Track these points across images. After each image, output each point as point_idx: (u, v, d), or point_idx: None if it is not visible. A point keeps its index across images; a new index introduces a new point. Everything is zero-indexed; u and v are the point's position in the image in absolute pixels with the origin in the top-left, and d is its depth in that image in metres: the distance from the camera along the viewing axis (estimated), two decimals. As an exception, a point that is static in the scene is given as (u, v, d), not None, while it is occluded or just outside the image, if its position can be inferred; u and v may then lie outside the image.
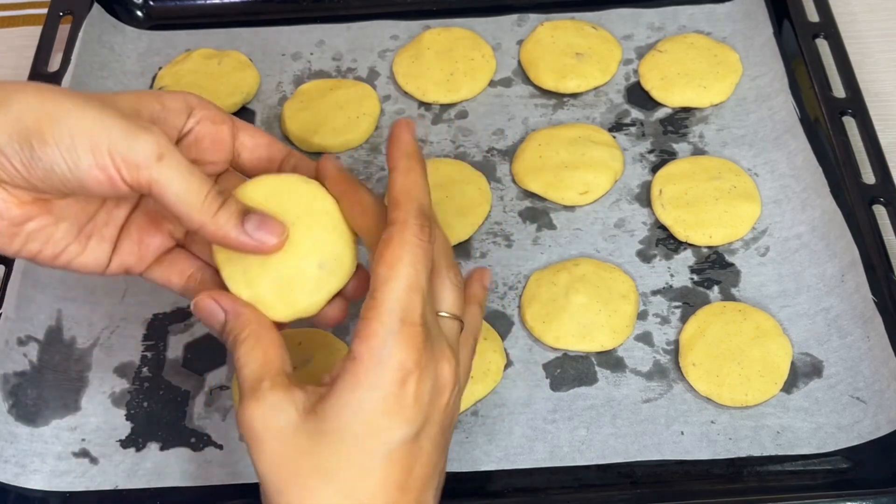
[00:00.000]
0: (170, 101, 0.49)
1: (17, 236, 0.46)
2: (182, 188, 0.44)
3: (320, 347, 0.62)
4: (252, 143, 0.51)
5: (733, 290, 0.64)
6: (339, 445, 0.42)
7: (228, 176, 0.52)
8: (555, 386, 0.61)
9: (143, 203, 0.51)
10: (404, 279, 0.43)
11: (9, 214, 0.45)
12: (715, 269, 0.65)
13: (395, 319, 0.42)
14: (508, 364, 0.62)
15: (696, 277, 0.65)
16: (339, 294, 0.49)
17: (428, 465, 0.44)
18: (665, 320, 0.63)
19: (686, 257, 0.66)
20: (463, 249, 0.67)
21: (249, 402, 0.43)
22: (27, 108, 0.43)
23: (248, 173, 0.51)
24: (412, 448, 0.43)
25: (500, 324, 0.63)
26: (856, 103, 0.69)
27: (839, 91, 0.70)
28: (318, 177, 0.50)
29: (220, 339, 0.47)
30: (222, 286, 0.48)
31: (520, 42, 0.78)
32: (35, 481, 0.57)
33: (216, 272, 0.49)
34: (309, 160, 0.52)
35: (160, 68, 0.77)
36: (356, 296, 0.50)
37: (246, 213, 0.46)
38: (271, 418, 0.43)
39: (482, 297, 0.52)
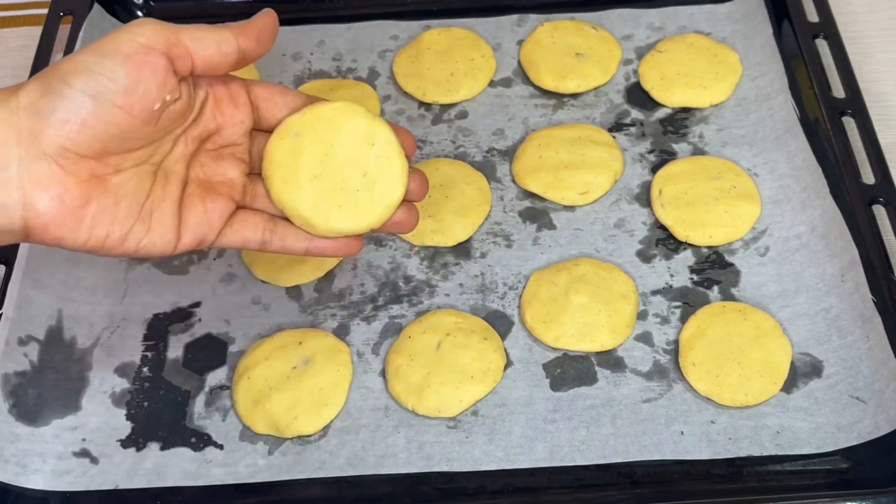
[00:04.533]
0: None
1: (83, 222, 0.46)
2: (208, 32, 0.48)
3: (321, 348, 0.62)
4: (266, 93, 0.53)
5: (733, 290, 0.64)
6: None
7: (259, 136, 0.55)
8: (555, 386, 0.61)
9: (193, 173, 0.52)
10: None
11: (69, 196, 0.45)
12: (715, 269, 0.65)
13: None
14: (508, 364, 0.62)
15: (695, 277, 0.65)
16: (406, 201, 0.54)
17: None
18: (665, 320, 0.63)
19: (686, 257, 0.66)
20: (463, 249, 0.67)
21: None
22: (35, 79, 0.46)
23: (273, 127, 0.53)
24: None
25: (500, 324, 0.63)
26: (855, 103, 0.69)
27: (839, 91, 0.70)
28: None
29: None
30: (293, 231, 0.53)
31: (520, 42, 0.78)
32: (36, 481, 0.57)
33: (285, 219, 0.53)
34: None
35: (160, 68, 0.77)
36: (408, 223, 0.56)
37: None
38: None
39: None
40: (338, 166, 0.52)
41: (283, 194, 0.52)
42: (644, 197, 0.69)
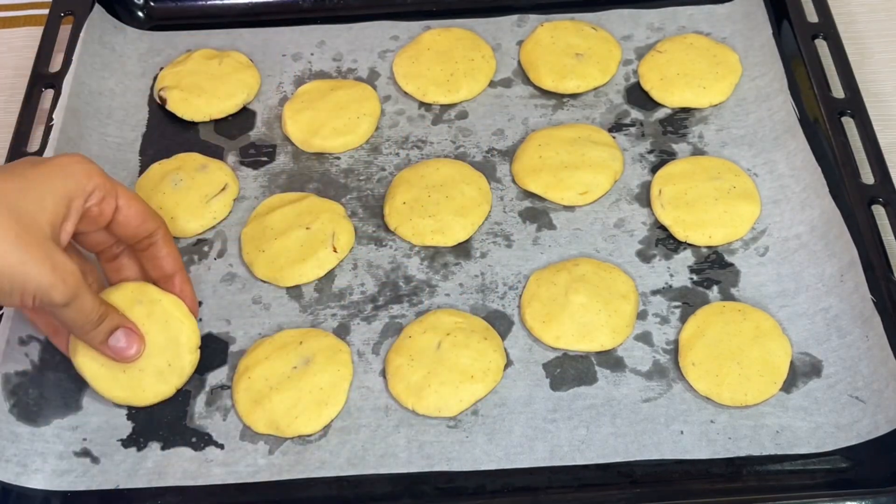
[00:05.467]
0: (76, 200, 0.55)
1: None
2: (80, 320, 0.55)
3: (321, 347, 0.62)
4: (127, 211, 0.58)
5: (733, 290, 0.64)
6: None
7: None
8: (555, 385, 0.61)
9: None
10: None
11: None
12: (714, 269, 0.66)
13: None
14: (508, 364, 0.62)
15: (695, 277, 0.65)
16: None
17: None
18: (665, 320, 0.63)
19: (686, 257, 0.66)
20: (463, 249, 0.67)
21: None
22: None
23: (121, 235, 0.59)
24: None
25: (500, 324, 0.64)
26: (855, 104, 0.69)
27: (838, 91, 0.70)
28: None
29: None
30: None
31: (520, 42, 0.78)
32: (36, 481, 0.58)
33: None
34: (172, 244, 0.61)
35: (161, 69, 0.77)
36: None
37: (115, 328, 0.58)
38: None
39: None
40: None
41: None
42: (644, 197, 0.69)
